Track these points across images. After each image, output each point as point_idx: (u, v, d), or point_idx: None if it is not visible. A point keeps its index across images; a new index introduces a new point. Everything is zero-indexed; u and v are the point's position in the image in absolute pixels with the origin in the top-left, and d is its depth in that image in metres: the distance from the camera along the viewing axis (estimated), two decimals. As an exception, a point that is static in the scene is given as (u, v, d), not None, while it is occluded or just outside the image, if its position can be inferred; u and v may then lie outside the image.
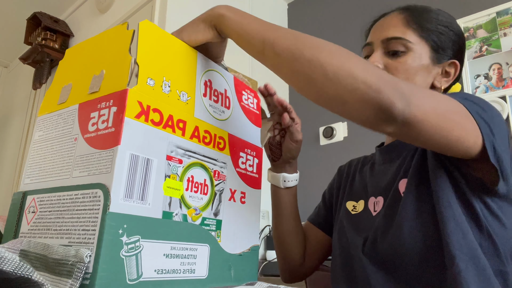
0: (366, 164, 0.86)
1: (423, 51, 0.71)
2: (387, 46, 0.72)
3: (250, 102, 0.63)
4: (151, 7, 1.95)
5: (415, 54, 0.71)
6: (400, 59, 0.71)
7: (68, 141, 0.47)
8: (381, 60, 0.72)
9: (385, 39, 0.72)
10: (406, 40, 0.71)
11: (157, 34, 0.49)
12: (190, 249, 0.48)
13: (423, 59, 0.71)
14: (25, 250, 0.42)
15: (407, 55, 0.71)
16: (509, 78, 1.73)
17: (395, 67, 0.70)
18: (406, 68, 0.70)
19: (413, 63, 0.70)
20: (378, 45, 0.74)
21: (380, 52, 0.73)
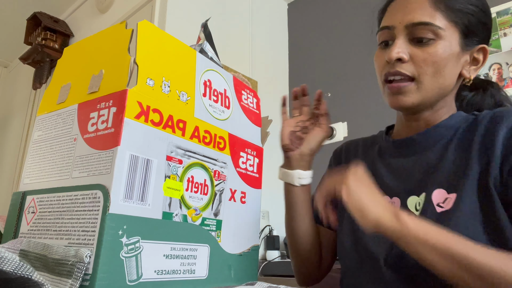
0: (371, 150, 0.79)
1: (453, 37, 0.63)
2: (412, 32, 0.63)
3: (250, 101, 0.63)
4: (151, 7, 1.95)
5: (445, 42, 0.62)
6: (429, 48, 0.62)
7: (68, 141, 0.47)
8: (405, 49, 0.63)
9: (410, 24, 0.63)
10: (435, 26, 0.62)
11: (156, 35, 0.49)
12: (190, 249, 0.48)
13: (453, 47, 0.63)
14: (25, 250, 0.42)
15: (436, 44, 0.62)
16: (509, 78, 1.73)
17: (423, 59, 0.62)
18: (435, 60, 0.62)
19: (444, 53, 0.62)
20: (401, 30, 0.64)
21: (403, 39, 0.64)
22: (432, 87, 0.63)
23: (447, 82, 0.64)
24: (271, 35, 2.54)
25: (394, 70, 0.64)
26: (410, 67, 0.63)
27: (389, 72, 0.65)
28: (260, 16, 2.46)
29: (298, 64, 2.54)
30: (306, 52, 2.51)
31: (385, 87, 0.66)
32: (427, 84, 0.63)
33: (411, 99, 0.64)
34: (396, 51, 0.62)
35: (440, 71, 0.62)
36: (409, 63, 0.63)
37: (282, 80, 2.53)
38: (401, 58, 0.62)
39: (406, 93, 0.64)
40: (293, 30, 2.64)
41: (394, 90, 0.64)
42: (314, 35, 2.47)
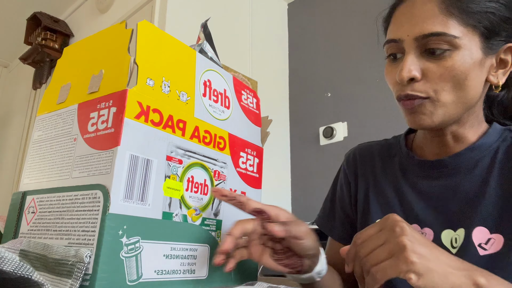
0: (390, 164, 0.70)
1: (473, 44, 0.54)
2: (424, 44, 0.55)
3: (250, 101, 0.63)
4: (151, 7, 1.95)
5: (464, 51, 0.54)
6: (445, 62, 0.54)
7: (68, 141, 0.47)
8: (417, 65, 0.55)
9: (420, 36, 0.54)
10: (450, 35, 0.53)
11: (155, 35, 0.49)
12: (190, 249, 0.48)
13: (474, 54, 0.54)
14: (25, 250, 0.42)
15: (453, 55, 0.54)
16: (509, 78, 1.73)
17: (440, 75, 0.54)
18: (453, 74, 0.54)
19: (463, 64, 0.54)
20: (410, 44, 0.56)
21: (414, 53, 0.56)
22: (453, 102, 0.55)
23: (470, 95, 0.56)
24: (271, 35, 2.54)
25: (405, 93, 0.57)
26: (424, 85, 0.55)
27: (400, 95, 0.58)
28: (260, 16, 2.46)
29: (298, 64, 2.54)
30: (306, 52, 2.51)
31: (400, 103, 0.59)
32: (446, 100, 0.55)
33: (430, 118, 0.56)
34: (407, 70, 0.55)
35: (460, 84, 0.54)
36: (422, 81, 0.55)
37: (282, 80, 2.53)
38: (413, 78, 0.55)
39: (424, 114, 0.56)
40: (293, 30, 2.64)
41: (408, 108, 0.57)
42: (314, 35, 2.47)
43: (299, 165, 2.36)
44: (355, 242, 0.44)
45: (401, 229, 0.41)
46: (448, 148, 0.62)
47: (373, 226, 0.44)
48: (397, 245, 0.40)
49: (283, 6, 2.70)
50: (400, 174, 0.67)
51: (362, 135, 2.04)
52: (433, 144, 0.63)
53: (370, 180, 0.71)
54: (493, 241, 0.53)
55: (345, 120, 2.14)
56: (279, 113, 2.43)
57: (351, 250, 0.45)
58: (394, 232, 0.42)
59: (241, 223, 0.49)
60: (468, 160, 0.60)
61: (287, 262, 0.52)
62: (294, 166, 2.39)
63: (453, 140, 0.61)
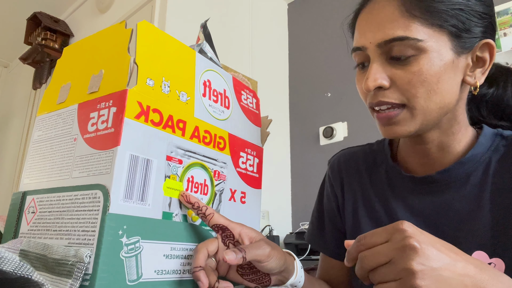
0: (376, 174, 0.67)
1: (441, 45, 0.51)
2: (388, 51, 0.52)
3: (250, 102, 0.63)
4: (151, 7, 1.95)
5: (431, 54, 0.50)
6: (411, 67, 0.51)
7: (68, 141, 0.47)
8: (383, 73, 0.52)
9: (382, 42, 0.52)
10: (413, 39, 0.50)
11: (155, 35, 0.49)
12: (190, 249, 0.48)
13: (444, 56, 0.51)
14: (25, 250, 0.42)
15: (419, 59, 0.50)
16: (509, 78, 1.73)
17: (408, 81, 0.51)
18: (423, 78, 0.50)
19: (432, 68, 0.50)
20: (373, 51, 0.53)
21: (378, 61, 0.53)
22: (429, 109, 0.52)
23: (447, 98, 0.52)
24: (271, 35, 2.54)
25: (377, 100, 0.53)
26: (395, 93, 0.52)
27: (372, 103, 0.54)
28: (260, 16, 2.46)
29: (298, 64, 2.54)
30: (306, 52, 2.51)
31: (374, 115, 0.56)
32: (422, 107, 0.52)
33: (406, 128, 0.53)
34: (372, 79, 0.52)
35: (433, 89, 0.51)
36: (392, 88, 0.52)
37: (282, 80, 2.53)
38: (382, 86, 0.52)
39: (400, 122, 0.53)
40: (293, 30, 2.64)
41: (384, 121, 0.54)
42: (314, 35, 2.47)
43: (299, 165, 2.36)
44: (358, 247, 0.41)
45: (412, 250, 0.37)
46: (433, 159, 0.59)
47: (380, 233, 0.40)
48: (405, 270, 0.37)
49: (283, 6, 2.70)
50: (388, 188, 0.64)
51: (362, 135, 2.04)
52: (417, 155, 0.60)
53: (357, 191, 0.68)
54: (493, 265, 0.51)
55: (345, 120, 2.14)
56: (279, 113, 2.43)
57: (353, 252, 0.42)
58: (403, 253, 0.37)
59: (202, 248, 0.46)
60: (459, 175, 0.56)
61: (253, 277, 0.50)
62: (294, 166, 2.39)
63: (437, 150, 0.58)
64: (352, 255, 0.42)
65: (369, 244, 0.40)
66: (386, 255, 0.38)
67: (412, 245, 0.37)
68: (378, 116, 0.55)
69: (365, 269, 0.40)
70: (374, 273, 0.39)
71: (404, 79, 0.51)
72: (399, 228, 0.39)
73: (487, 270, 0.39)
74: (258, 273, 0.50)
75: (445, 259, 0.37)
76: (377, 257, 0.39)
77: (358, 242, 0.41)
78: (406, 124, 0.53)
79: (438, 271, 0.37)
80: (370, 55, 0.53)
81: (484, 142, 0.57)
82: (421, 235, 0.38)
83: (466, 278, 0.37)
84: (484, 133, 0.58)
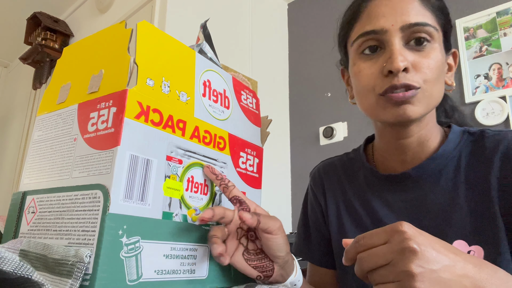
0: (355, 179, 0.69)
1: (441, 41, 0.57)
2: (409, 36, 0.54)
3: (249, 102, 0.63)
4: (151, 7, 1.95)
5: (439, 46, 0.56)
6: (429, 53, 0.54)
7: (68, 141, 0.47)
8: (407, 55, 0.54)
9: (407, 25, 0.54)
10: (432, 26, 0.54)
11: (155, 35, 0.49)
12: (190, 249, 0.48)
13: (442, 51, 0.57)
14: (25, 250, 0.42)
15: (433, 47, 0.55)
16: (509, 78, 1.73)
17: (427, 65, 0.54)
18: (437, 65, 0.54)
19: (440, 59, 0.55)
20: (395, 34, 0.54)
21: (399, 44, 0.54)
22: (436, 95, 0.56)
23: (442, 90, 0.58)
24: (271, 35, 2.54)
25: (400, 82, 0.53)
26: (415, 76, 0.54)
27: (395, 85, 0.54)
28: (260, 16, 2.46)
29: (298, 64, 2.55)
30: (306, 52, 2.51)
31: (381, 99, 0.56)
32: (431, 92, 0.55)
33: (419, 108, 0.54)
34: (401, 59, 0.53)
35: (439, 77, 0.56)
36: (412, 72, 0.54)
37: (282, 80, 2.54)
38: (406, 68, 0.53)
39: (414, 102, 0.54)
40: (293, 30, 2.64)
41: (399, 99, 0.54)
42: (314, 35, 2.47)
43: (299, 165, 2.36)
44: (356, 248, 0.41)
45: (411, 253, 0.37)
46: (411, 155, 0.61)
47: (378, 234, 0.40)
48: (405, 273, 0.37)
49: (283, 6, 2.70)
50: (368, 190, 0.66)
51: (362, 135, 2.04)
52: (397, 151, 0.62)
53: (339, 197, 0.70)
54: (473, 253, 0.53)
55: (345, 120, 2.14)
56: (279, 113, 2.43)
57: (351, 251, 0.42)
58: (402, 255, 0.37)
59: (224, 208, 0.48)
60: (432, 171, 0.59)
61: (257, 264, 0.51)
62: (294, 166, 2.39)
63: (416, 144, 0.60)
64: (350, 255, 0.42)
65: (368, 245, 0.40)
66: (385, 257, 0.38)
67: (411, 248, 0.37)
68: (393, 96, 0.54)
69: (364, 270, 0.40)
70: (372, 274, 0.39)
71: (424, 64, 0.54)
72: (398, 230, 0.38)
73: (485, 267, 0.39)
74: (264, 260, 0.51)
75: (445, 260, 0.38)
76: (376, 259, 0.39)
77: (356, 243, 0.41)
78: (418, 105, 0.54)
79: (437, 273, 0.37)
80: (390, 37, 0.55)
81: (453, 138, 0.60)
82: (420, 237, 0.38)
83: (465, 279, 0.37)
84: (453, 130, 0.61)
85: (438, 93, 0.56)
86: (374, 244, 0.40)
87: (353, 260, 0.42)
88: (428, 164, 0.60)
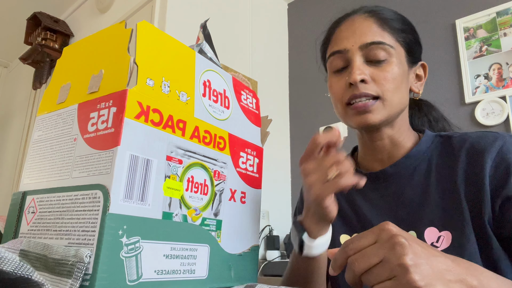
0: None
1: (401, 55, 0.66)
2: (368, 54, 0.64)
3: (249, 102, 0.63)
4: (151, 7, 1.95)
5: (396, 59, 0.65)
6: (386, 67, 0.64)
7: (68, 141, 0.47)
8: (365, 70, 0.64)
9: (364, 44, 0.64)
10: (387, 44, 0.64)
11: (155, 35, 0.49)
12: (190, 249, 0.48)
13: (403, 64, 0.66)
14: (25, 250, 0.42)
15: (390, 62, 0.64)
16: (509, 78, 1.73)
17: (383, 77, 0.63)
18: (394, 76, 0.64)
19: (398, 70, 0.64)
20: (355, 52, 0.65)
21: (360, 60, 0.64)
22: (395, 103, 0.65)
23: (404, 98, 0.67)
24: (271, 35, 2.54)
25: (360, 92, 0.63)
26: (373, 87, 0.63)
27: (355, 94, 0.64)
28: (260, 16, 2.46)
29: (298, 64, 2.55)
30: (306, 52, 2.51)
31: (348, 108, 0.66)
32: (391, 100, 0.64)
33: (379, 116, 0.64)
34: (359, 73, 0.63)
35: (399, 87, 0.65)
36: (371, 83, 0.63)
37: (282, 80, 2.54)
38: (364, 79, 0.63)
39: (374, 111, 0.64)
40: (293, 30, 2.64)
41: (361, 109, 0.63)
42: (314, 35, 2.47)
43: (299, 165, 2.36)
44: (346, 252, 0.41)
45: (401, 247, 0.38)
46: (387, 154, 0.70)
47: (366, 236, 0.41)
48: (399, 266, 0.37)
49: (283, 6, 2.70)
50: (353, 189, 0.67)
51: (362, 135, 2.04)
52: (374, 151, 0.71)
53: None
54: (443, 238, 0.59)
55: (345, 120, 2.13)
56: (279, 113, 2.43)
57: (340, 258, 0.42)
58: (394, 251, 0.38)
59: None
60: (406, 168, 0.67)
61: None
62: (294, 166, 2.39)
63: (390, 145, 0.69)
64: (339, 262, 0.42)
65: (358, 247, 0.40)
66: (377, 255, 0.39)
67: (401, 242, 0.38)
68: (355, 107, 0.64)
69: (357, 273, 0.40)
70: (367, 275, 0.39)
71: (381, 76, 0.64)
72: (384, 228, 0.40)
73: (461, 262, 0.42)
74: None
75: (429, 255, 0.39)
76: (368, 259, 0.39)
77: (345, 247, 0.42)
78: (378, 113, 0.64)
79: (427, 265, 0.38)
80: (352, 56, 0.65)
81: (426, 141, 0.69)
82: (405, 233, 0.40)
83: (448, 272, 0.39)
84: (426, 134, 0.70)
85: (399, 100, 0.65)
86: (364, 246, 0.40)
87: (342, 267, 0.42)
88: (403, 162, 0.68)
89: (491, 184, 0.58)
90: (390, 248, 0.38)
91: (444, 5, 1.95)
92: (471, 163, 0.61)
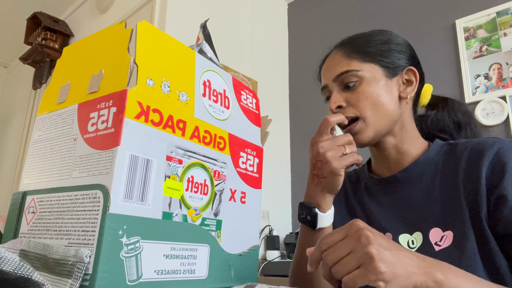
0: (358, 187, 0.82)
1: (374, 72, 0.72)
2: (341, 82, 0.73)
3: (249, 102, 0.63)
4: (151, 7, 1.95)
5: (368, 79, 0.72)
6: (357, 89, 0.72)
7: (68, 141, 0.47)
8: (340, 97, 0.73)
9: (335, 76, 0.74)
10: (353, 70, 0.72)
11: (155, 35, 0.49)
12: (190, 249, 0.48)
13: (378, 80, 0.72)
14: (25, 250, 0.42)
15: (361, 84, 0.71)
16: (509, 78, 1.73)
17: (356, 99, 0.71)
18: (366, 96, 0.71)
19: (370, 88, 0.71)
20: (332, 85, 0.75)
21: (336, 90, 0.74)
22: (378, 117, 0.71)
23: (389, 108, 0.71)
24: (271, 35, 2.54)
25: None
26: (350, 109, 0.71)
27: None
28: (260, 16, 2.46)
29: (298, 64, 2.55)
30: (306, 52, 2.51)
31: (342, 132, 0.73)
32: (371, 116, 0.70)
33: (365, 134, 0.71)
34: (333, 102, 0.72)
35: (376, 102, 0.71)
36: (348, 107, 0.72)
37: (282, 80, 2.54)
38: (340, 106, 0.72)
39: (359, 131, 0.71)
40: (293, 30, 2.64)
41: (350, 132, 0.71)
42: (314, 35, 2.47)
43: (299, 165, 2.36)
44: (320, 247, 0.46)
45: (366, 238, 0.43)
46: (394, 162, 0.75)
47: (337, 232, 0.46)
48: (365, 255, 0.43)
49: (283, 6, 2.70)
50: (366, 194, 0.80)
51: (362, 135, 2.04)
52: (382, 160, 0.77)
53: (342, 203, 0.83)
54: (446, 237, 0.63)
55: (345, 120, 2.13)
56: (279, 113, 2.43)
57: (315, 253, 0.47)
58: (360, 242, 0.44)
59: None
60: (415, 173, 0.72)
61: None
62: (294, 166, 2.39)
63: (395, 153, 0.75)
64: (314, 256, 0.47)
65: (330, 242, 0.46)
66: (345, 247, 0.44)
67: (366, 234, 0.44)
68: (344, 131, 0.72)
69: (328, 265, 0.45)
70: (336, 266, 0.44)
71: (354, 99, 0.72)
72: (353, 224, 0.46)
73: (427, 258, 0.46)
74: None
75: (393, 248, 0.45)
76: (338, 251, 0.44)
77: (320, 243, 0.47)
78: (364, 132, 0.71)
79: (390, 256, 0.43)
80: (331, 88, 0.75)
81: (435, 149, 0.73)
82: (371, 228, 0.45)
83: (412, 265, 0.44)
84: (435, 142, 0.74)
85: (383, 114, 0.71)
86: (335, 240, 0.46)
87: (317, 262, 0.47)
88: (412, 168, 0.73)
89: (487, 183, 0.61)
90: (357, 240, 0.44)
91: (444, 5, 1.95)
92: (471, 164, 0.65)
